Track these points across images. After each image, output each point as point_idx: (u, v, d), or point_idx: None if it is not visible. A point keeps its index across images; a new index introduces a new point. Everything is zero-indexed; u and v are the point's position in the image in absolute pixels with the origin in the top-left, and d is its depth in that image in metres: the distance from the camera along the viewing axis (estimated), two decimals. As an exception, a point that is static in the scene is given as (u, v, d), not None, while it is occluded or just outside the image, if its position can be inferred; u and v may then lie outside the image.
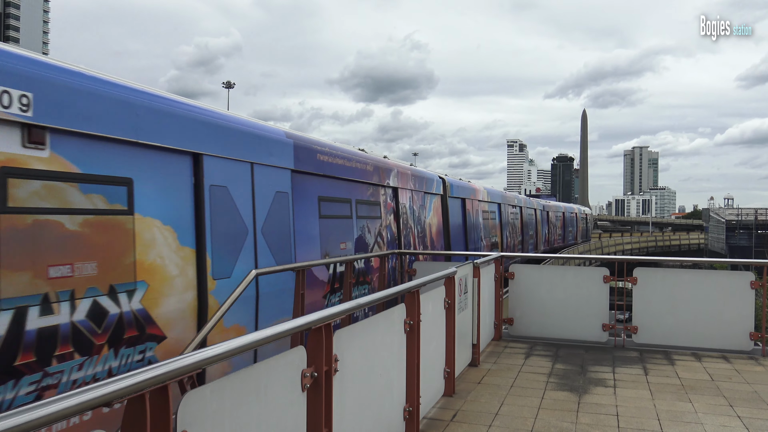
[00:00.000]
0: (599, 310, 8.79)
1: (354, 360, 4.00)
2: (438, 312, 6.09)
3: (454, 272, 6.31)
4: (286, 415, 3.22)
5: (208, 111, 6.52)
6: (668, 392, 6.43)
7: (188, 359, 2.49)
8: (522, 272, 9.30)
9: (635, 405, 6.00)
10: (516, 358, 7.99)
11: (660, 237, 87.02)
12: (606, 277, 8.72)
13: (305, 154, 8.07)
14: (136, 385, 2.15)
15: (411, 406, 5.01)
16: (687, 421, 5.52)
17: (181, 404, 2.41)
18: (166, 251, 5.62)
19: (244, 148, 6.80)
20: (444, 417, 5.64)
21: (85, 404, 1.97)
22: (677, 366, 7.56)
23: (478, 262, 7.83)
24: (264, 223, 7.02)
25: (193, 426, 2.44)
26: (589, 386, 6.66)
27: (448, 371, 6.30)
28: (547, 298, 9.04)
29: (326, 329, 3.52)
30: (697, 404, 6.03)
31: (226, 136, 6.53)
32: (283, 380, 3.20)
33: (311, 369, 3.40)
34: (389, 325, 4.73)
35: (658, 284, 8.62)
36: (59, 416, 1.87)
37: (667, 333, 8.50)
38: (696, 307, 8.37)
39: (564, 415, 5.70)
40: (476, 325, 7.64)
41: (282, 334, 3.22)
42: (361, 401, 4.21)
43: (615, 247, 67.86)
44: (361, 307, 4.25)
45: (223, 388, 2.73)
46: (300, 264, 7.28)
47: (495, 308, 9.02)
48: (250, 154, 6.89)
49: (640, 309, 8.63)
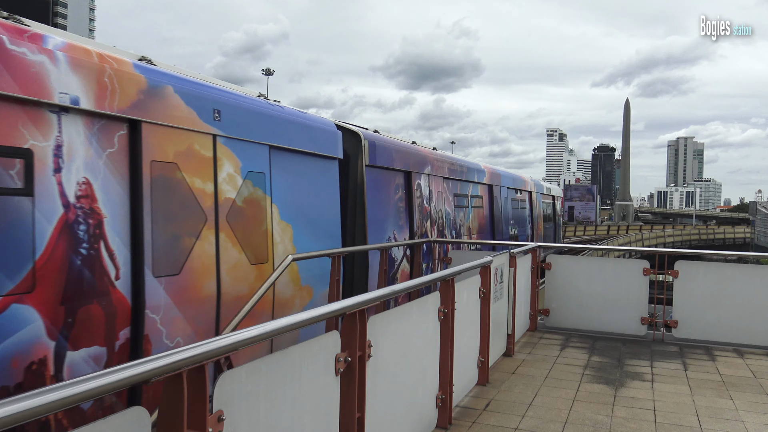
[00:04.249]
0: (638, 303, 8.63)
1: (387, 346, 4.02)
2: (473, 301, 6.06)
3: (490, 261, 6.26)
4: (319, 398, 3.26)
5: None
6: (708, 388, 6.29)
7: (225, 340, 2.53)
8: (559, 263, 9.18)
9: (673, 400, 5.88)
10: (551, 349, 7.91)
11: (703, 230, 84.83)
12: (646, 270, 8.54)
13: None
14: (174, 364, 2.20)
15: (444, 394, 5.02)
16: (727, 419, 5.39)
17: (218, 384, 2.46)
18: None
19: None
20: (477, 406, 5.63)
21: (127, 380, 2.03)
22: (718, 362, 7.38)
23: (515, 251, 7.76)
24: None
25: (228, 406, 2.49)
26: (626, 380, 6.55)
27: (482, 360, 6.28)
28: (585, 290, 8.91)
29: (360, 315, 3.55)
30: (738, 401, 5.88)
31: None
32: (317, 364, 3.24)
33: (345, 354, 3.43)
34: (423, 312, 4.74)
35: (700, 278, 8.41)
36: (101, 391, 1.93)
37: (709, 328, 8.30)
38: (740, 303, 8.15)
39: (599, 408, 5.62)
40: (511, 315, 7.58)
41: (317, 318, 3.26)
42: (394, 387, 4.23)
43: (656, 239, 66.54)
44: (396, 294, 4.26)
45: (259, 370, 2.77)
46: (336, 250, 7.34)
47: (531, 298, 8.94)
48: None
49: (680, 303, 8.44)
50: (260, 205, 6.45)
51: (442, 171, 12.13)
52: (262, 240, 6.44)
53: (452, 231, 12.48)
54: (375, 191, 9.14)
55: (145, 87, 5.02)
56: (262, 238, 6.43)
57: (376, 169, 9.22)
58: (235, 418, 2.54)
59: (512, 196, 17.93)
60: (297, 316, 3.10)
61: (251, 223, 6.27)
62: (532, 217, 20.56)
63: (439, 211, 11.92)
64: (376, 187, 9.17)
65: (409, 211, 10.46)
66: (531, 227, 20.33)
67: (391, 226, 9.72)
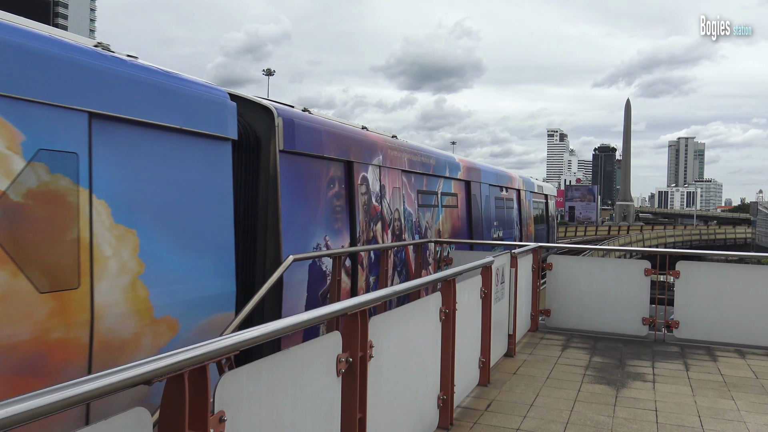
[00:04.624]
0: (639, 303, 8.62)
1: (389, 347, 4.02)
2: (474, 301, 6.06)
3: (491, 262, 6.26)
4: (321, 398, 3.25)
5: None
6: (710, 389, 6.28)
7: (226, 340, 2.53)
8: (560, 263, 9.18)
9: (675, 401, 5.87)
10: (552, 349, 7.91)
11: (704, 230, 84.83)
12: (647, 270, 8.54)
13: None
14: (176, 365, 2.20)
15: (445, 395, 5.01)
16: (729, 419, 5.38)
17: (219, 385, 2.46)
18: None
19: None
20: (478, 406, 5.62)
21: (128, 381, 2.02)
22: (720, 362, 7.37)
23: (516, 252, 7.76)
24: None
25: (230, 406, 2.48)
26: (628, 380, 6.54)
27: (483, 361, 6.27)
28: (586, 290, 8.91)
29: (362, 315, 3.54)
30: (739, 402, 5.87)
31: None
32: (318, 364, 3.23)
33: (346, 354, 3.42)
34: (425, 313, 4.73)
35: (701, 278, 8.41)
36: (102, 392, 1.93)
37: (710, 328, 8.29)
38: (741, 303, 8.14)
39: (601, 408, 5.62)
40: (512, 315, 7.58)
41: (318, 319, 3.25)
42: (396, 388, 4.23)
43: (657, 239, 66.57)
44: (397, 294, 4.26)
45: (260, 370, 2.77)
46: (337, 251, 7.32)
47: (532, 299, 8.93)
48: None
49: (682, 303, 8.44)
50: (65, 201, 4.23)
51: (399, 162, 9.87)
52: (67, 254, 4.19)
53: (415, 234, 10.41)
54: (295, 185, 6.98)
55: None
56: (66, 251, 4.18)
57: (297, 156, 7.00)
58: (237, 419, 2.53)
59: (496, 194, 15.91)
60: (299, 317, 3.10)
61: (42, 230, 4.06)
62: (520, 218, 18.59)
63: (396, 211, 9.67)
64: (296, 180, 7.02)
65: (349, 211, 8.26)
66: (519, 229, 18.42)
67: (322, 231, 7.50)
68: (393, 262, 9.11)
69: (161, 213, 5.03)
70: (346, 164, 8.21)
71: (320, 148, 7.48)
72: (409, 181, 10.33)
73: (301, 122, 7.13)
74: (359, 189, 8.44)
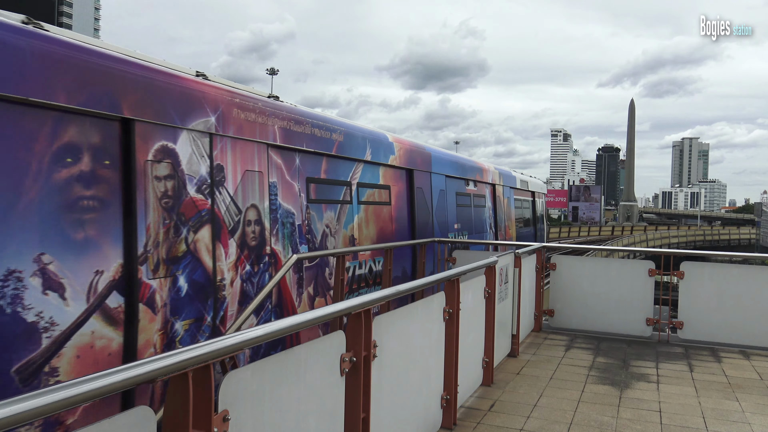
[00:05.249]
0: (643, 304, 8.60)
1: (392, 346, 4.02)
2: (477, 301, 6.05)
3: (495, 262, 6.25)
4: (324, 397, 3.25)
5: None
6: (714, 390, 6.26)
7: (230, 340, 2.53)
8: (564, 263, 9.16)
9: (679, 402, 5.85)
10: (556, 350, 7.89)
11: (708, 231, 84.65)
12: (651, 271, 8.51)
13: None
14: (180, 364, 2.19)
15: (448, 395, 5.01)
16: (733, 420, 5.36)
17: (223, 384, 2.46)
18: None
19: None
20: (482, 406, 5.62)
21: (131, 380, 2.02)
22: (724, 363, 7.34)
23: (520, 252, 7.74)
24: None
25: (234, 405, 2.48)
26: (631, 381, 6.53)
27: (486, 361, 6.26)
28: (590, 290, 8.89)
29: (365, 315, 3.54)
30: (744, 403, 5.85)
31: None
32: (322, 364, 3.23)
33: (350, 354, 3.42)
34: (428, 312, 4.73)
35: (705, 279, 8.38)
36: (105, 390, 1.92)
37: (715, 329, 8.26)
38: (745, 304, 8.11)
39: (604, 409, 5.60)
40: (516, 315, 7.57)
41: (322, 318, 3.25)
42: (399, 387, 4.22)
43: (661, 240, 66.47)
44: (401, 294, 4.25)
45: (264, 369, 2.76)
46: (341, 250, 7.32)
47: (535, 299, 8.92)
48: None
49: (686, 304, 8.41)
50: None
51: (264, 132, 6.31)
52: None
53: (300, 244, 6.96)
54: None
55: None
56: None
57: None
58: (240, 418, 2.53)
59: (457, 189, 12.65)
60: (302, 316, 3.09)
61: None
62: (495, 219, 15.25)
63: (253, 208, 6.12)
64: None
65: (123, 210, 4.64)
66: (494, 233, 15.10)
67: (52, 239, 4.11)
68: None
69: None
70: (118, 123, 4.64)
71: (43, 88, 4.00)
72: (288, 165, 6.87)
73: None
74: (146, 168, 4.82)
